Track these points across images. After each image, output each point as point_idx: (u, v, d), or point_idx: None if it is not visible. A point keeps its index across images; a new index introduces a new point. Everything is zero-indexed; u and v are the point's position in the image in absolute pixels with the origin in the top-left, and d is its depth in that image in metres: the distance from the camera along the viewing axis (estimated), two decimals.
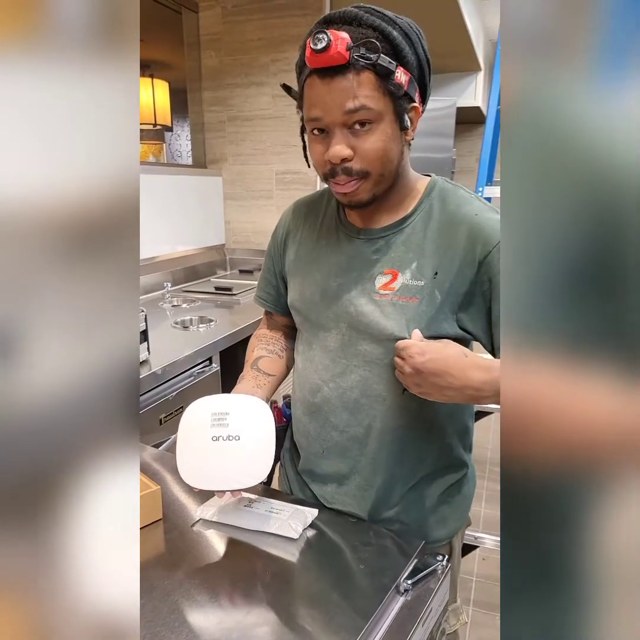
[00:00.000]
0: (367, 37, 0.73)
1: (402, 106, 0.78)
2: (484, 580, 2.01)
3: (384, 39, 0.74)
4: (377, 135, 0.77)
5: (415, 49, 0.77)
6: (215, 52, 2.92)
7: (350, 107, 0.74)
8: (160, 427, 1.62)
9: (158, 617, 0.69)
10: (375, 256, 0.87)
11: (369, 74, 0.73)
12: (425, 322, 0.82)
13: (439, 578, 0.79)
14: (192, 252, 2.92)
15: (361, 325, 0.87)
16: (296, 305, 0.98)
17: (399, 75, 0.75)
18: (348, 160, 0.78)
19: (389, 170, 0.81)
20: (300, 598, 0.74)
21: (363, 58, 0.72)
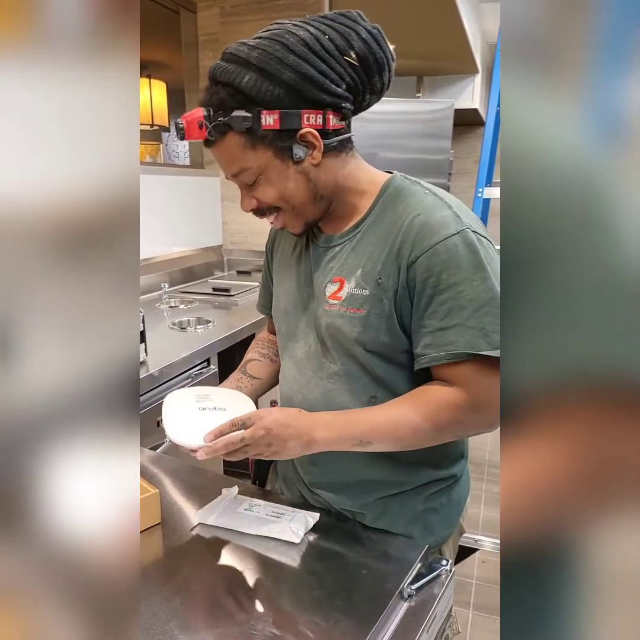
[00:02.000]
0: (221, 99, 0.75)
1: (284, 144, 0.77)
2: (484, 584, 2.00)
3: (237, 92, 0.74)
4: (266, 185, 0.80)
5: (279, 76, 0.73)
6: (213, 52, 2.90)
7: (232, 172, 0.80)
8: (157, 430, 1.60)
9: (157, 624, 0.68)
10: (331, 264, 0.87)
11: (231, 137, 0.76)
12: (375, 335, 0.81)
13: (443, 583, 0.78)
14: (190, 253, 2.91)
15: (324, 337, 0.86)
16: (275, 314, 0.99)
17: (263, 120, 0.74)
18: (256, 208, 0.83)
19: (300, 202, 0.82)
20: (302, 604, 0.73)
21: (216, 127, 0.75)
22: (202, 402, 0.89)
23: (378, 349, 0.82)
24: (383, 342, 0.81)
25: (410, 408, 0.79)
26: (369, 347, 0.82)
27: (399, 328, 0.81)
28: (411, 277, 0.78)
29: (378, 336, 0.81)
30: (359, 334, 0.81)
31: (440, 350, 0.77)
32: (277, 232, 1.02)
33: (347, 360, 0.84)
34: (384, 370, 0.84)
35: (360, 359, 0.83)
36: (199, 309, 2.32)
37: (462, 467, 0.97)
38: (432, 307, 0.77)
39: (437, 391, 0.79)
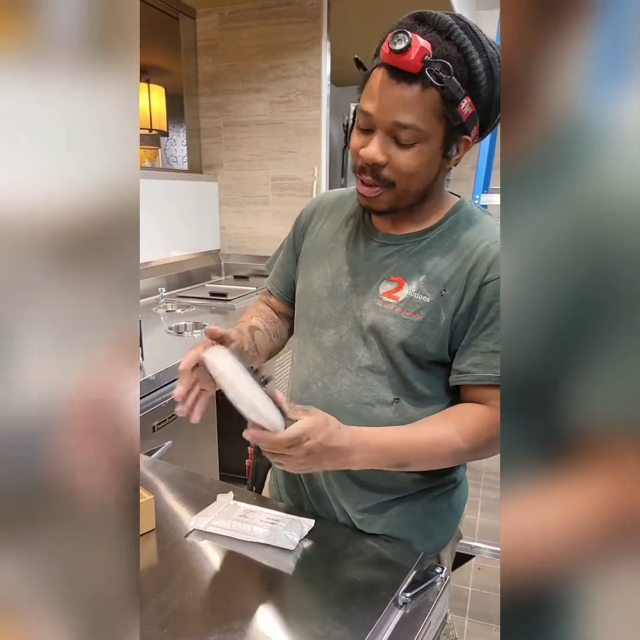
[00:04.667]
0: (448, 55, 0.70)
1: (453, 136, 0.76)
2: (480, 590, 1.99)
3: (465, 64, 0.71)
4: (416, 153, 0.76)
5: (494, 84, 0.74)
6: (212, 58, 2.91)
7: (400, 121, 0.73)
8: (153, 434, 1.60)
9: (149, 632, 0.67)
10: (386, 261, 0.86)
11: (434, 93, 0.71)
12: (422, 342, 0.82)
13: (437, 591, 0.78)
14: (187, 257, 2.91)
15: (362, 330, 0.86)
16: (301, 295, 0.96)
17: (463, 106, 0.73)
18: (379, 166, 0.77)
19: (415, 188, 0.80)
20: (296, 611, 0.72)
21: (434, 75, 0.70)
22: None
23: (419, 355, 0.83)
24: (426, 351, 0.82)
25: (451, 429, 0.80)
26: (410, 352, 0.83)
27: (447, 342, 0.82)
28: (480, 296, 0.79)
29: (424, 344, 0.82)
30: (407, 337, 0.82)
31: (488, 371, 0.79)
32: (315, 212, 1.00)
33: (383, 358, 0.84)
34: (415, 376, 0.84)
35: (396, 360, 0.84)
36: (196, 313, 2.32)
37: (462, 473, 0.97)
38: (490, 330, 0.79)
39: (476, 411, 0.81)
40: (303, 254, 0.99)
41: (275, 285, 1.07)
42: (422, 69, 0.70)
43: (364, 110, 0.76)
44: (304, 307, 0.95)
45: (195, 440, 1.85)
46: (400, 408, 0.84)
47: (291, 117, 2.81)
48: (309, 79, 2.72)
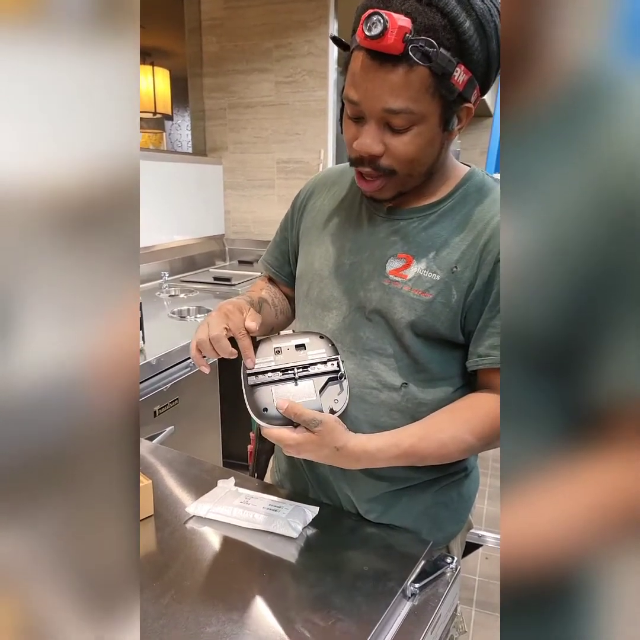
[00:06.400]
0: (432, 25, 0.62)
1: (452, 109, 0.70)
2: (487, 580, 1.96)
3: (452, 30, 0.63)
4: (414, 137, 0.70)
5: (487, 43, 0.66)
6: (217, 37, 2.85)
7: (391, 107, 0.67)
8: (154, 419, 1.57)
9: (146, 622, 0.64)
10: (393, 237, 0.81)
11: (422, 71, 0.64)
12: (433, 323, 0.77)
13: (448, 582, 0.74)
14: (191, 242, 2.87)
15: (367, 310, 0.81)
16: (302, 276, 0.91)
17: (457, 75, 0.66)
18: (377, 156, 0.72)
19: (419, 171, 0.75)
20: (299, 602, 0.69)
21: (420, 52, 0.63)
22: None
23: (429, 335, 0.78)
24: (437, 332, 0.77)
25: (462, 428, 0.76)
26: (420, 333, 0.78)
27: (459, 322, 0.77)
28: (495, 274, 0.74)
29: (435, 325, 0.77)
30: (416, 317, 0.77)
31: None
32: (314, 189, 0.95)
33: (391, 340, 0.80)
34: (427, 357, 0.79)
35: (405, 342, 0.79)
36: (199, 298, 2.29)
37: (473, 461, 0.93)
38: None
39: (491, 402, 0.77)
40: (303, 233, 0.94)
41: (270, 264, 1.03)
42: (404, 49, 0.63)
43: (350, 99, 0.70)
44: (305, 288, 0.90)
45: (198, 426, 1.82)
46: (408, 393, 0.80)
47: (297, 98, 2.75)
48: (315, 58, 2.66)
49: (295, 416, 0.71)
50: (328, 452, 0.73)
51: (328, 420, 0.72)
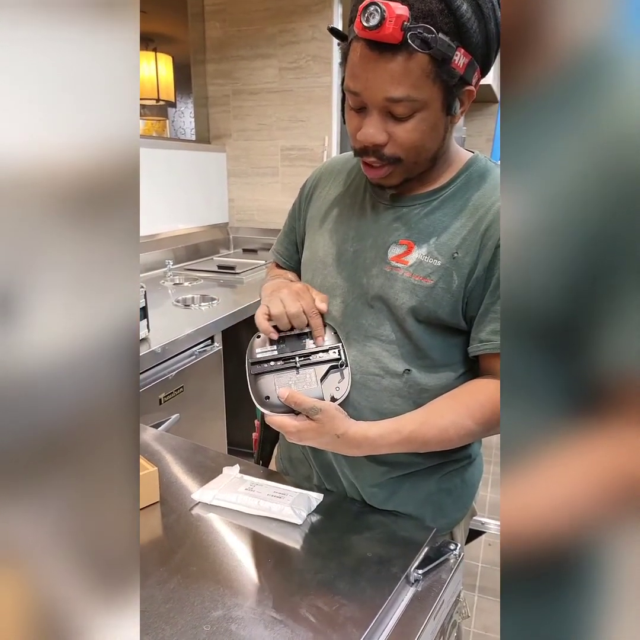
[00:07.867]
0: (429, 11, 0.63)
1: (453, 93, 0.69)
2: (490, 566, 1.98)
3: (450, 14, 0.63)
4: (417, 123, 0.70)
5: (485, 24, 0.66)
6: (220, 23, 2.82)
7: (392, 96, 0.67)
8: (159, 407, 1.58)
9: (152, 606, 0.65)
10: (395, 224, 0.81)
11: (422, 58, 0.65)
12: (434, 309, 0.77)
13: (451, 568, 0.75)
14: (195, 230, 2.86)
15: (369, 297, 0.81)
16: (306, 264, 0.92)
17: (457, 59, 0.66)
18: (381, 146, 0.72)
19: (424, 157, 0.75)
20: (303, 588, 0.70)
21: (419, 39, 0.63)
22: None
23: (430, 321, 0.78)
24: (438, 317, 0.78)
25: (463, 414, 0.76)
26: (421, 319, 0.78)
27: (461, 308, 0.77)
28: (496, 259, 0.74)
29: (436, 311, 0.77)
30: (417, 303, 0.77)
31: None
32: (320, 178, 0.96)
33: (393, 326, 0.80)
34: (429, 344, 0.80)
35: (407, 328, 0.79)
36: (203, 286, 2.29)
37: (477, 449, 0.93)
38: None
39: (491, 387, 0.77)
40: (309, 222, 0.94)
41: (281, 254, 1.05)
42: (403, 38, 0.63)
43: (351, 90, 0.70)
44: (309, 276, 0.91)
45: (203, 413, 1.83)
46: (411, 379, 0.80)
47: (301, 85, 2.73)
48: (319, 43, 2.62)
49: (295, 404, 0.72)
50: (329, 439, 0.74)
51: (328, 408, 0.72)
